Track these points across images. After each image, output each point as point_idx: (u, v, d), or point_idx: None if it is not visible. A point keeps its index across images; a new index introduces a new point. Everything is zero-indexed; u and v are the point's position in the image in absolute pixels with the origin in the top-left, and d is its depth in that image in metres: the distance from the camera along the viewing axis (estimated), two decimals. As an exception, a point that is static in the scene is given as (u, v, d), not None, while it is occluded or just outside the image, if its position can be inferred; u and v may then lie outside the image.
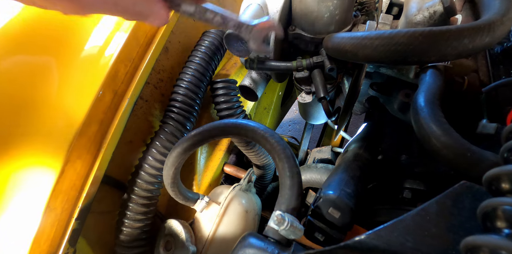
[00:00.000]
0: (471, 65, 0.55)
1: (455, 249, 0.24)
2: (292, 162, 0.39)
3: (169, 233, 0.57)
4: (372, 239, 0.26)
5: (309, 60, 0.58)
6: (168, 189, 0.53)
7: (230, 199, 0.59)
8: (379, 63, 0.56)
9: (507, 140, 0.29)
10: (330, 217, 0.40)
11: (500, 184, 0.24)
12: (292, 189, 0.37)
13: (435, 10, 0.48)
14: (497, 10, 0.37)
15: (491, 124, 0.39)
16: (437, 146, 0.35)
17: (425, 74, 0.48)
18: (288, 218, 0.32)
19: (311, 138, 1.04)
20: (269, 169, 0.78)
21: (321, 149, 0.91)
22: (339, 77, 0.63)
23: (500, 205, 0.21)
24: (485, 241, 0.20)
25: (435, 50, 0.35)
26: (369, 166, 0.55)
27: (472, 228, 0.25)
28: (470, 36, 0.34)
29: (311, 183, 0.73)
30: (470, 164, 0.33)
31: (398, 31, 0.37)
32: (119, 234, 0.56)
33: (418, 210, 0.27)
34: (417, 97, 0.42)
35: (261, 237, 0.35)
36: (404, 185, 0.53)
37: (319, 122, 0.82)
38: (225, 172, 0.83)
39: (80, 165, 0.47)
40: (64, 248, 0.45)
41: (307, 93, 0.61)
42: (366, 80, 0.65)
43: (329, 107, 0.61)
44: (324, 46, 0.54)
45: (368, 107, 0.76)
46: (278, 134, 0.43)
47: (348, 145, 0.65)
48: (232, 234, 0.57)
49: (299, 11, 0.57)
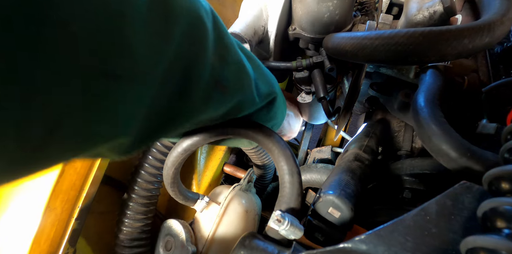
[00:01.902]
0: (471, 65, 0.55)
1: (455, 249, 0.24)
2: (292, 162, 0.39)
3: (169, 233, 0.57)
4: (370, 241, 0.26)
5: (309, 60, 0.58)
6: (168, 189, 0.53)
7: (230, 199, 0.59)
8: (379, 63, 0.56)
9: (507, 140, 0.29)
10: (330, 217, 0.40)
11: (500, 184, 0.24)
12: (292, 189, 0.37)
13: (435, 10, 0.48)
14: (497, 10, 0.37)
15: (491, 124, 0.40)
16: (437, 146, 0.35)
17: (425, 74, 0.48)
18: (288, 218, 0.32)
19: (311, 138, 1.04)
20: (269, 169, 0.79)
21: (321, 149, 0.91)
22: (339, 77, 0.63)
23: (500, 205, 0.21)
24: (485, 241, 0.20)
25: (435, 50, 0.35)
26: (369, 166, 0.55)
27: (472, 228, 0.25)
28: (470, 36, 0.34)
29: (311, 183, 0.73)
30: (470, 164, 0.33)
31: (398, 31, 0.37)
32: (119, 234, 0.56)
33: (418, 210, 0.27)
34: (417, 97, 0.42)
35: (261, 237, 0.35)
36: (404, 185, 0.53)
37: (319, 122, 0.82)
38: (225, 172, 0.83)
39: (80, 165, 0.47)
40: (64, 248, 0.45)
41: (307, 93, 0.61)
42: (366, 80, 0.65)
43: (329, 107, 0.61)
44: (324, 46, 0.54)
45: (368, 107, 0.76)
46: (278, 134, 0.43)
47: (348, 145, 0.65)
48: (232, 234, 0.57)
49: (299, 11, 0.57)
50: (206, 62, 0.28)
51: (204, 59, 0.27)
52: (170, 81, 0.25)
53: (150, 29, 0.21)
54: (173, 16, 0.23)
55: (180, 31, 0.24)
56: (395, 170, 0.55)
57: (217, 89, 0.30)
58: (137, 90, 0.22)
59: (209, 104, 0.30)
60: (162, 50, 0.23)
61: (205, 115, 0.32)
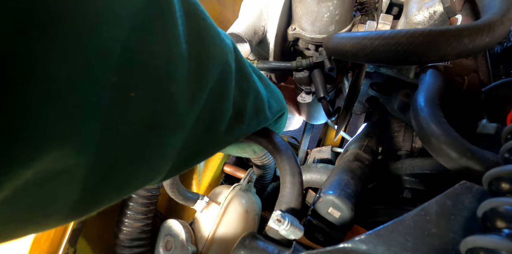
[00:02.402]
0: (471, 65, 0.55)
1: (455, 249, 0.24)
2: (293, 162, 0.39)
3: (169, 233, 0.57)
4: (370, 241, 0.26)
5: (309, 60, 0.58)
6: (168, 190, 0.53)
7: (230, 199, 0.59)
8: (379, 63, 0.56)
9: (507, 140, 0.29)
10: (330, 217, 0.40)
11: (500, 184, 0.24)
12: (293, 189, 0.37)
13: (435, 10, 0.48)
14: (497, 10, 0.37)
15: (491, 124, 0.39)
16: (437, 146, 0.35)
17: (425, 74, 0.48)
18: (288, 218, 0.32)
19: (311, 138, 1.04)
20: (269, 169, 0.79)
21: (321, 149, 0.91)
22: (339, 77, 0.63)
23: (500, 205, 0.21)
24: (485, 241, 0.20)
25: (435, 50, 0.35)
26: (369, 166, 0.55)
27: (472, 228, 0.25)
28: (470, 36, 0.34)
29: (311, 183, 0.73)
30: (470, 164, 0.33)
31: (398, 31, 0.37)
32: (119, 234, 0.56)
33: (418, 210, 0.27)
34: (417, 97, 0.42)
35: (261, 237, 0.35)
36: (404, 185, 0.53)
37: (319, 122, 0.82)
38: (225, 172, 0.83)
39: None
40: (64, 248, 0.45)
41: (307, 93, 0.61)
42: (366, 80, 0.65)
43: (329, 107, 0.61)
44: (324, 46, 0.54)
45: (368, 107, 0.76)
46: (279, 135, 0.43)
47: (348, 145, 0.65)
48: (232, 234, 0.57)
49: (299, 11, 0.57)
50: (230, 98, 0.30)
51: (229, 95, 0.30)
52: (201, 121, 0.27)
53: (190, 82, 0.23)
54: (208, 66, 0.25)
55: (212, 79, 0.26)
56: (395, 170, 0.55)
57: (237, 121, 0.33)
58: (174, 136, 0.24)
59: (231, 134, 0.33)
60: (198, 98, 0.25)
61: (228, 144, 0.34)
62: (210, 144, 0.31)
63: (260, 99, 0.37)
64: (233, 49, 0.31)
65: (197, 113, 0.25)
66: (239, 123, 0.33)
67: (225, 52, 0.28)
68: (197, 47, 0.24)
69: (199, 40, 0.24)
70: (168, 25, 0.20)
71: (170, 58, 0.21)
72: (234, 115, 0.32)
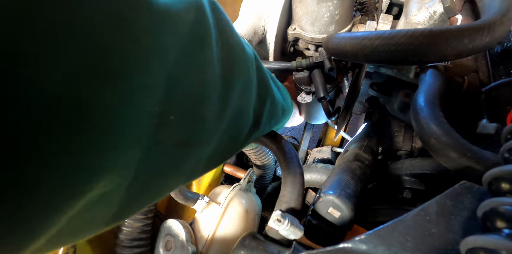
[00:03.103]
0: (471, 65, 0.55)
1: (455, 249, 0.24)
2: (295, 162, 0.39)
3: (169, 233, 0.57)
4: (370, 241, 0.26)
5: (309, 60, 0.58)
6: (168, 189, 0.53)
7: (230, 199, 0.59)
8: (379, 63, 0.56)
9: (507, 140, 0.29)
10: (330, 217, 0.40)
11: (500, 184, 0.24)
12: (294, 189, 0.37)
13: (435, 10, 0.48)
14: (497, 10, 0.37)
15: (491, 124, 0.39)
16: (437, 146, 0.35)
17: (425, 74, 0.48)
18: (288, 218, 0.32)
19: (311, 138, 1.04)
20: (269, 169, 0.79)
21: (321, 149, 0.91)
22: (339, 77, 0.63)
23: (500, 205, 0.21)
24: (485, 241, 0.20)
25: (435, 50, 0.35)
26: (369, 166, 0.55)
27: (472, 228, 0.25)
28: (470, 36, 0.34)
29: (311, 183, 0.73)
30: (470, 164, 0.33)
31: (398, 31, 0.37)
32: (119, 234, 0.56)
33: (418, 210, 0.27)
34: (417, 97, 0.42)
35: (261, 237, 0.35)
36: (404, 185, 0.53)
37: (319, 122, 0.82)
38: (225, 172, 0.83)
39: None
40: (64, 248, 0.45)
41: (307, 93, 0.61)
42: (366, 80, 0.65)
43: (329, 107, 0.61)
44: (324, 46, 0.54)
45: (368, 107, 0.76)
46: (281, 135, 0.43)
47: (348, 145, 0.65)
48: (232, 234, 0.57)
49: (299, 11, 0.57)
50: (251, 108, 0.31)
51: (250, 106, 0.30)
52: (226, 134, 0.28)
53: (218, 101, 0.24)
54: (234, 84, 0.26)
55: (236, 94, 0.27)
56: (395, 170, 0.55)
57: (255, 128, 0.34)
58: (203, 150, 0.25)
59: (247, 141, 0.34)
60: (224, 115, 0.25)
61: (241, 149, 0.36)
62: (228, 151, 0.32)
63: (275, 105, 0.38)
64: (254, 59, 0.31)
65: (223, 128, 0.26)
66: (255, 131, 0.34)
67: (248, 66, 0.29)
68: (226, 67, 0.24)
69: (229, 59, 0.24)
70: (206, 48, 0.21)
71: (206, 81, 0.21)
72: (253, 124, 0.33)
